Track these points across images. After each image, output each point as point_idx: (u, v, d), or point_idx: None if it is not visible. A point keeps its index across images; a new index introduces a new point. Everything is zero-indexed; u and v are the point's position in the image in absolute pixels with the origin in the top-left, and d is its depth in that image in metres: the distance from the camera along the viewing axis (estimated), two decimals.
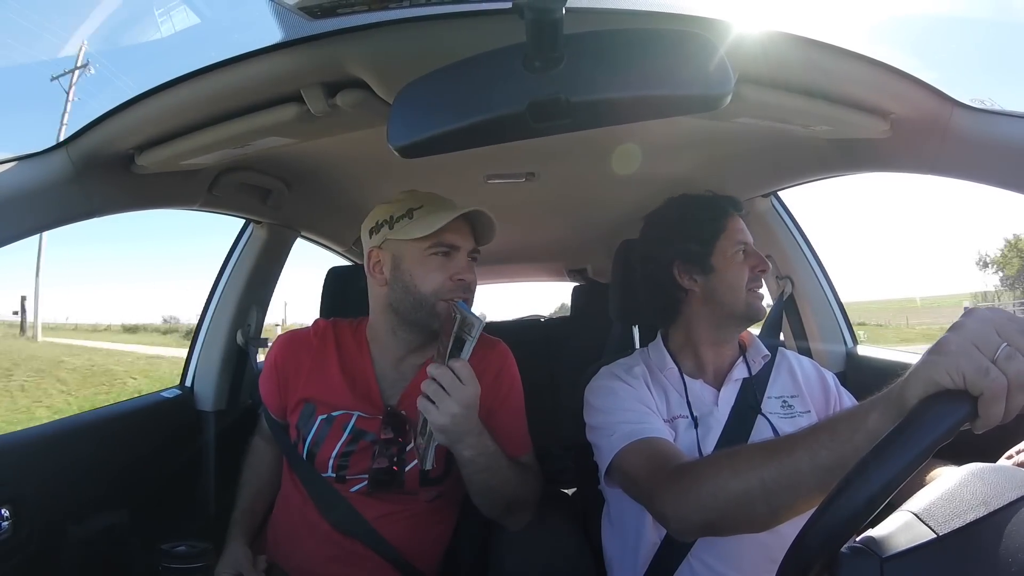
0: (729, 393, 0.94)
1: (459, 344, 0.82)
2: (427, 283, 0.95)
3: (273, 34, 0.66)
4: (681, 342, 1.01)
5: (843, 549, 0.41)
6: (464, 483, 0.92)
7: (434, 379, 0.81)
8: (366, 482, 0.96)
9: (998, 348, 0.45)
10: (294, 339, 1.06)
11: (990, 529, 0.40)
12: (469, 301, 0.97)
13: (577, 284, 2.87)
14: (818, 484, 0.55)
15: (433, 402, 0.81)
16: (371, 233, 1.00)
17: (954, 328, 0.49)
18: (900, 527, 0.41)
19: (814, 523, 0.42)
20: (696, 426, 0.90)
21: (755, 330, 1.39)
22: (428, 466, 0.87)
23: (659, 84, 0.55)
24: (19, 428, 1.09)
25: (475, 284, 0.99)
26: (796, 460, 0.57)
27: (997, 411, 0.44)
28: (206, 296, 1.48)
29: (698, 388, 0.95)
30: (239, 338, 1.44)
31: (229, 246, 1.48)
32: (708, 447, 0.88)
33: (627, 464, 0.82)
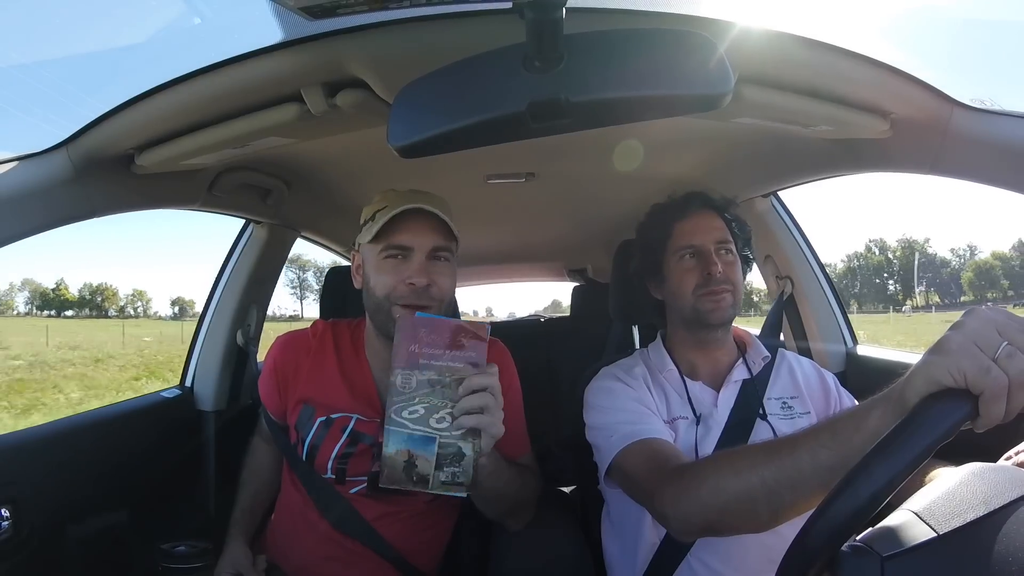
0: (729, 395, 0.94)
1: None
2: (380, 287, 0.92)
3: (273, 34, 0.66)
4: (674, 343, 1.02)
5: (844, 547, 0.41)
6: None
7: (485, 388, 0.74)
8: (366, 483, 0.96)
9: (999, 347, 0.45)
10: (293, 340, 1.06)
11: (990, 528, 0.40)
12: (434, 307, 0.91)
13: (577, 284, 2.87)
14: (819, 484, 0.55)
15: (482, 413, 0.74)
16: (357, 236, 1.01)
17: (955, 327, 0.49)
18: (901, 526, 0.41)
19: (815, 521, 0.42)
20: (697, 424, 0.90)
21: (755, 330, 1.39)
22: (471, 487, 0.77)
23: (659, 84, 0.54)
24: None
25: (438, 287, 0.92)
26: (797, 460, 0.57)
27: (998, 410, 0.44)
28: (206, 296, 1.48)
29: (698, 390, 0.95)
30: (239, 338, 1.44)
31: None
32: (707, 448, 0.88)
33: (627, 465, 0.82)
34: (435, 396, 0.75)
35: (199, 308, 1.60)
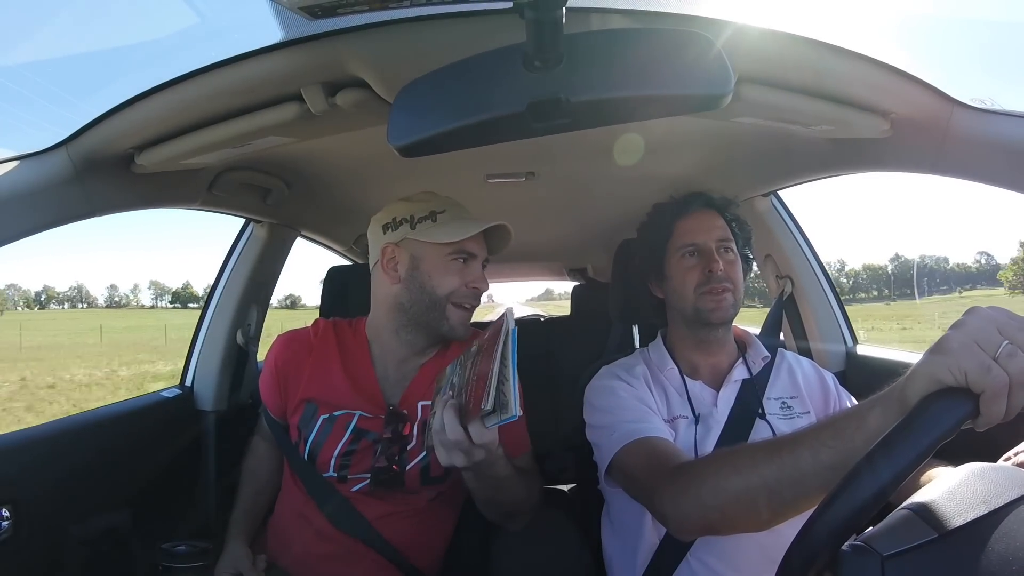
0: (728, 394, 0.94)
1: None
2: (444, 286, 0.96)
3: (273, 34, 0.66)
4: (675, 343, 1.02)
5: (844, 547, 0.41)
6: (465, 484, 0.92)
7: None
8: (367, 481, 0.96)
9: (1000, 346, 0.45)
10: (295, 339, 1.06)
11: (991, 528, 0.40)
12: (475, 306, 1.00)
13: (577, 283, 2.87)
14: (820, 483, 0.55)
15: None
16: (386, 229, 0.99)
17: (956, 326, 0.49)
18: (901, 525, 0.41)
19: (816, 520, 0.42)
20: (696, 424, 0.90)
21: (755, 329, 1.39)
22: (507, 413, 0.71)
23: (659, 84, 0.54)
24: None
25: (485, 291, 1.02)
26: (798, 459, 0.57)
27: (999, 409, 0.44)
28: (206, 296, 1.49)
29: (698, 389, 0.95)
30: (239, 338, 1.44)
31: None
32: (707, 448, 0.88)
33: (627, 463, 0.82)
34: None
35: (305, 301, 1.64)
